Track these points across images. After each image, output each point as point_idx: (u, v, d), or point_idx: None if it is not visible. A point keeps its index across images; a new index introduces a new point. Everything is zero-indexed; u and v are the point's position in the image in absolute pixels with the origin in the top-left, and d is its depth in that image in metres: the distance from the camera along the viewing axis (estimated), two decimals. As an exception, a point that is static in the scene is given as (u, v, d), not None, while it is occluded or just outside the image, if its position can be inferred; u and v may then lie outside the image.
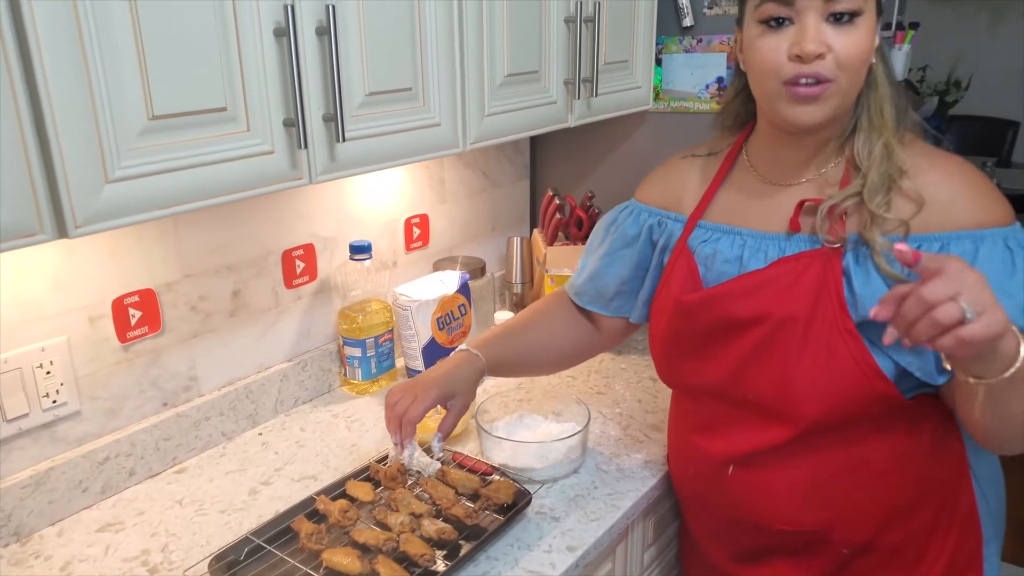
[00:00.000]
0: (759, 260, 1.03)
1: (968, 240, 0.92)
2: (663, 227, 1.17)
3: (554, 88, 1.47)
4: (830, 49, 0.92)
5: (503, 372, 1.27)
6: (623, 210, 1.24)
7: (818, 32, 0.92)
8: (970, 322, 0.72)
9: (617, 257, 1.22)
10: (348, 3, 1.06)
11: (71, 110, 0.81)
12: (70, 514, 1.19)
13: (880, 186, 0.95)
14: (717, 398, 1.10)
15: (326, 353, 1.56)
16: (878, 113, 0.99)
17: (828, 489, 1.03)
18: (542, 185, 2.03)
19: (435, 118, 1.24)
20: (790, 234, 1.02)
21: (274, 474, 1.30)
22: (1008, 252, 0.91)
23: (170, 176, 0.92)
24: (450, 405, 1.14)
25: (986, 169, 3.69)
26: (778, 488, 1.06)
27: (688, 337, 1.09)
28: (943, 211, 0.94)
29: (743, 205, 1.09)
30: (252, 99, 0.98)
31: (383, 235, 1.65)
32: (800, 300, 0.98)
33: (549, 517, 1.17)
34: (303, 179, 1.07)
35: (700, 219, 1.12)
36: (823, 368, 0.97)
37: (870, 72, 0.98)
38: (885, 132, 0.98)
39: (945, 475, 1.05)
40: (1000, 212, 0.94)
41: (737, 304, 1.03)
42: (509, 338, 1.25)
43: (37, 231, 0.82)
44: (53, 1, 0.78)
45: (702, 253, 1.09)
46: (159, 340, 1.29)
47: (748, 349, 1.02)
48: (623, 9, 1.60)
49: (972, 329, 0.73)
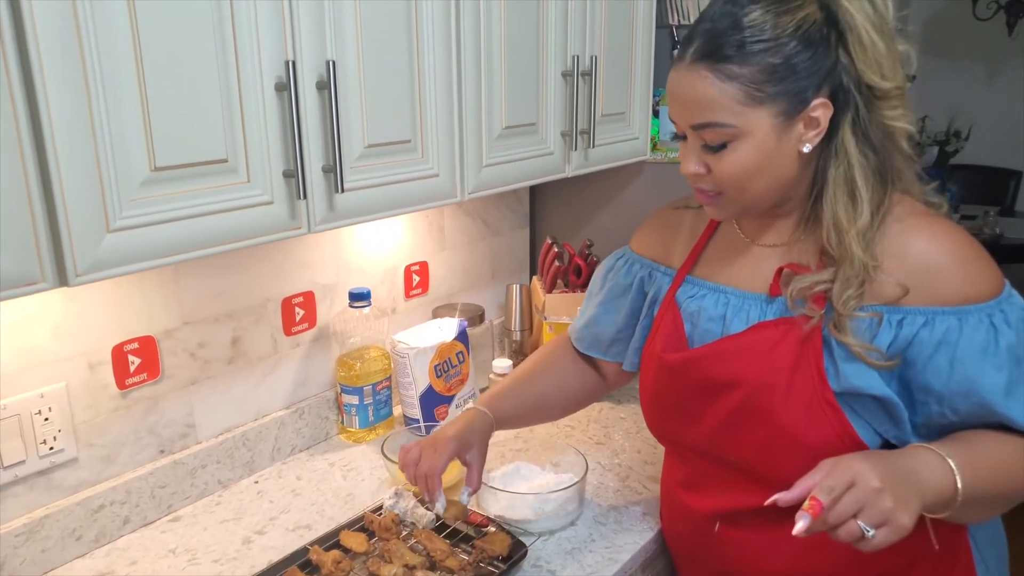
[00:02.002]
0: (741, 321, 1.03)
1: (953, 316, 0.91)
2: (653, 279, 1.18)
3: (551, 140, 1.49)
4: (709, 170, 0.96)
5: (511, 426, 1.28)
6: (619, 258, 1.25)
7: (695, 156, 0.96)
8: (870, 539, 0.80)
9: (612, 306, 1.24)
10: (348, 58, 1.09)
11: (75, 161, 0.83)
12: (63, 563, 1.18)
13: (852, 280, 0.92)
14: (702, 456, 1.09)
15: (324, 401, 1.56)
16: (845, 198, 0.93)
17: (816, 551, 1.00)
18: (541, 233, 2.04)
19: (433, 169, 1.26)
20: (771, 298, 1.02)
21: (268, 523, 1.29)
22: (992, 330, 0.90)
23: (171, 226, 0.93)
24: (468, 458, 1.13)
25: (988, 218, 3.70)
26: (765, 548, 1.04)
27: (672, 394, 1.09)
28: (929, 283, 0.92)
29: (728, 262, 1.09)
30: (253, 151, 1.00)
31: (383, 282, 1.67)
32: (778, 368, 0.97)
33: (545, 570, 1.16)
34: (302, 228, 1.08)
35: (688, 274, 1.13)
36: (803, 436, 0.96)
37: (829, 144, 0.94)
38: (849, 231, 0.92)
39: (939, 537, 1.01)
40: (987, 283, 0.92)
41: (716, 367, 1.02)
42: (515, 392, 1.26)
43: (39, 279, 0.83)
44: (60, 54, 0.80)
45: (688, 309, 1.09)
46: (157, 387, 1.29)
47: (728, 412, 1.02)
48: (620, 62, 1.64)
49: (871, 543, 0.80)
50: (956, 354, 0.90)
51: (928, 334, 0.91)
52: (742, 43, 0.89)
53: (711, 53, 0.90)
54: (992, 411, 0.91)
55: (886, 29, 0.92)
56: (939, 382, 0.92)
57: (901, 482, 0.82)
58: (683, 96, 0.94)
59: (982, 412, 0.91)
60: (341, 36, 1.07)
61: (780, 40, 0.89)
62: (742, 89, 0.89)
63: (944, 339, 0.91)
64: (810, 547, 1.01)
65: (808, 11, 0.90)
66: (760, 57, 0.89)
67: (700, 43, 0.91)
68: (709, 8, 0.94)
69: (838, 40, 0.90)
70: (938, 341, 0.91)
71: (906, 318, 0.92)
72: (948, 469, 0.85)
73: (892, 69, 0.92)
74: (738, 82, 0.89)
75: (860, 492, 0.80)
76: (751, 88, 0.89)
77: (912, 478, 0.84)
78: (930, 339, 0.91)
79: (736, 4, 0.91)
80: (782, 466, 0.97)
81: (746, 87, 0.89)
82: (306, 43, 1.03)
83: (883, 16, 0.92)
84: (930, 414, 0.94)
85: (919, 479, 0.84)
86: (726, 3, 0.92)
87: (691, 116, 0.94)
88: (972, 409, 0.91)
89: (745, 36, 0.89)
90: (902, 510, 0.80)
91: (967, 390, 0.91)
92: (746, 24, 0.89)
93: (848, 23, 0.90)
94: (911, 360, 0.93)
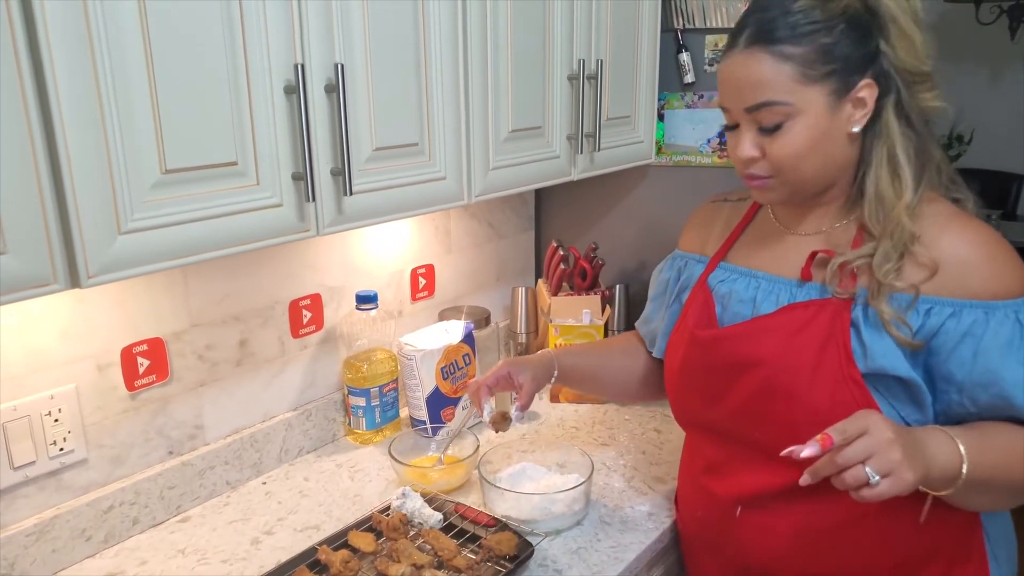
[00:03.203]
0: (771, 304, 1.06)
1: (980, 309, 0.94)
2: (688, 268, 1.23)
3: (557, 143, 1.50)
4: (764, 154, 0.99)
5: (572, 383, 1.38)
6: (667, 259, 1.30)
7: (750, 140, 0.99)
8: (873, 485, 0.83)
9: (659, 303, 1.29)
10: (356, 61, 1.10)
11: (87, 163, 0.84)
12: (72, 563, 1.19)
13: (892, 254, 0.96)
14: (726, 437, 1.11)
15: (331, 402, 1.56)
16: (888, 176, 0.98)
17: (831, 540, 1.02)
18: (546, 236, 2.05)
19: (440, 172, 1.27)
20: (802, 282, 1.05)
21: (277, 524, 1.29)
22: (1019, 326, 0.93)
23: (181, 228, 0.94)
24: (520, 379, 1.22)
25: (991, 222, 3.70)
26: (783, 534, 1.05)
27: (700, 372, 1.12)
28: (958, 276, 0.95)
29: (761, 250, 1.12)
30: (262, 154, 1.01)
31: (389, 285, 1.67)
32: (805, 347, 1.00)
33: (552, 570, 1.16)
34: (311, 231, 1.09)
35: (721, 260, 1.16)
36: (827, 415, 0.96)
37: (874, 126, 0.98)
38: (897, 204, 0.97)
39: (955, 533, 1.04)
40: (1016, 281, 0.95)
41: (742, 346, 1.05)
42: (587, 354, 1.37)
43: (51, 281, 0.84)
44: (72, 57, 0.81)
45: (720, 292, 1.13)
46: (166, 389, 1.30)
47: (752, 390, 1.04)
48: (625, 66, 1.65)
49: (875, 491, 0.83)
50: (980, 346, 0.93)
51: (955, 325, 0.94)
52: (795, 25, 0.94)
53: (765, 36, 0.95)
54: (1011, 404, 0.93)
55: (918, 19, 0.97)
56: (962, 372, 0.95)
57: (912, 444, 0.86)
58: (739, 79, 0.98)
59: (1001, 404, 0.94)
60: (349, 39, 1.08)
61: (831, 22, 0.94)
62: (797, 68, 0.94)
63: (970, 331, 0.94)
64: (823, 538, 1.02)
65: (848, 1, 0.95)
66: (812, 38, 0.94)
67: (753, 29, 0.96)
68: (756, 1, 0.99)
69: (879, 27, 0.96)
70: (964, 332, 0.94)
71: (934, 308, 0.95)
72: (956, 449, 0.89)
73: (925, 55, 0.98)
74: (793, 61, 0.94)
75: (872, 440, 0.84)
76: (805, 67, 0.94)
77: (921, 447, 0.88)
78: (956, 330, 0.94)
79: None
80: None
81: (800, 66, 0.94)
82: (315, 46, 1.04)
83: (915, 7, 0.97)
84: (950, 403, 0.97)
85: (928, 451, 0.88)
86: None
87: (747, 98, 0.97)
88: (992, 401, 0.94)
89: (798, 19, 0.94)
90: (908, 465, 0.84)
91: (988, 382, 0.93)
92: (795, 9, 0.95)
93: (888, 12, 0.96)
94: (936, 349, 0.96)
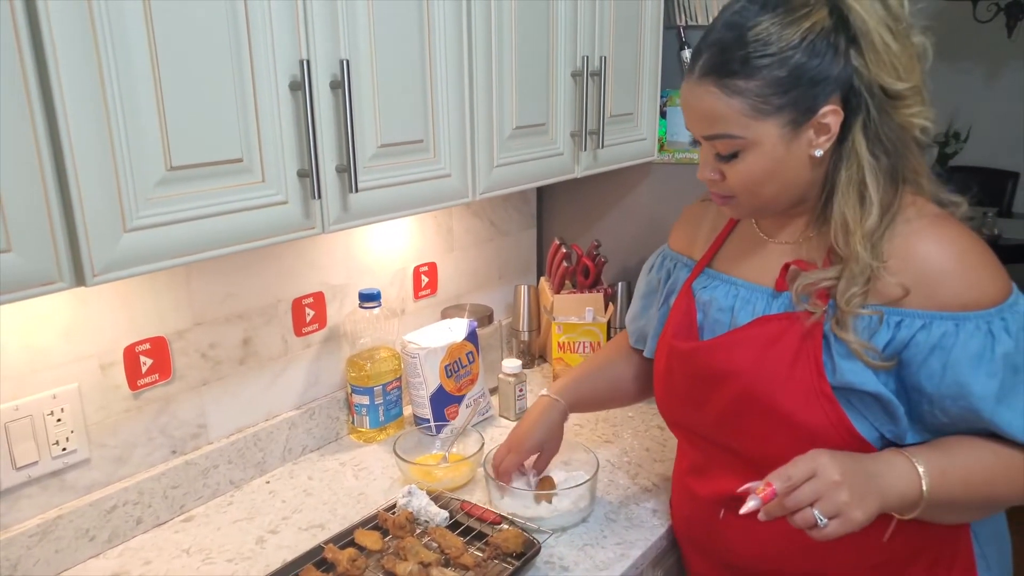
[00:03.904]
0: (747, 313, 1.05)
1: (951, 321, 0.91)
2: (676, 271, 1.22)
3: (561, 140, 1.50)
4: (723, 176, 0.99)
5: (586, 410, 1.43)
6: (656, 256, 1.29)
7: (709, 164, 1.00)
8: (822, 527, 0.84)
9: (649, 302, 1.28)
10: (362, 58, 1.09)
11: (92, 161, 0.83)
12: (76, 563, 1.18)
13: (858, 279, 0.93)
14: (709, 441, 1.11)
15: (334, 401, 1.56)
16: (855, 199, 0.94)
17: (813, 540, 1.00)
18: (549, 234, 2.05)
19: (445, 169, 1.26)
20: (777, 292, 1.03)
21: (281, 523, 1.29)
22: (989, 338, 0.90)
23: (186, 225, 0.94)
24: (545, 449, 1.29)
25: (987, 219, 3.71)
26: (766, 535, 1.04)
27: (681, 379, 1.12)
28: (931, 285, 0.92)
29: (744, 257, 1.11)
30: (267, 151, 1.00)
31: (392, 283, 1.67)
32: (779, 360, 0.99)
33: (558, 567, 1.16)
34: (316, 228, 1.09)
35: (706, 266, 1.15)
36: (800, 426, 0.98)
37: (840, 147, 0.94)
38: (857, 231, 0.93)
39: (940, 534, 1.02)
40: (991, 290, 0.92)
41: (719, 357, 1.05)
42: (584, 381, 1.36)
43: (56, 279, 0.84)
44: (76, 54, 0.80)
45: (701, 299, 1.12)
46: (169, 388, 1.29)
47: (730, 399, 1.04)
48: (628, 63, 1.64)
49: (824, 532, 0.85)
50: (950, 359, 0.91)
51: (924, 337, 0.92)
52: (746, 58, 0.90)
53: (717, 68, 0.92)
54: (980, 416, 0.91)
55: (900, 29, 0.91)
56: (931, 384, 0.93)
57: (863, 481, 0.87)
58: (693, 109, 0.97)
59: (971, 416, 0.92)
60: (354, 36, 1.08)
61: (785, 53, 0.90)
62: (748, 103, 0.91)
63: (939, 343, 0.91)
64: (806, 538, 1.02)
65: (817, 18, 0.90)
66: (765, 71, 0.90)
67: (707, 57, 0.93)
68: (719, 17, 0.95)
69: (849, 44, 0.90)
70: (933, 345, 0.92)
71: (904, 320, 0.93)
72: (915, 475, 0.89)
73: (908, 68, 0.92)
74: (744, 96, 0.91)
75: (819, 483, 0.85)
76: (757, 101, 0.91)
77: (875, 480, 0.88)
78: (926, 342, 0.92)
79: (743, 15, 0.92)
80: (782, 453, 0.97)
81: (752, 100, 0.91)
82: (320, 42, 1.03)
83: (897, 16, 0.91)
84: (922, 414, 0.95)
85: (882, 482, 0.89)
86: (733, 13, 0.93)
87: (702, 128, 0.97)
88: (961, 413, 0.92)
89: (749, 51, 0.90)
90: (857, 505, 0.85)
91: (957, 394, 0.91)
92: (751, 38, 0.90)
93: (860, 27, 0.90)
94: (907, 361, 0.94)
